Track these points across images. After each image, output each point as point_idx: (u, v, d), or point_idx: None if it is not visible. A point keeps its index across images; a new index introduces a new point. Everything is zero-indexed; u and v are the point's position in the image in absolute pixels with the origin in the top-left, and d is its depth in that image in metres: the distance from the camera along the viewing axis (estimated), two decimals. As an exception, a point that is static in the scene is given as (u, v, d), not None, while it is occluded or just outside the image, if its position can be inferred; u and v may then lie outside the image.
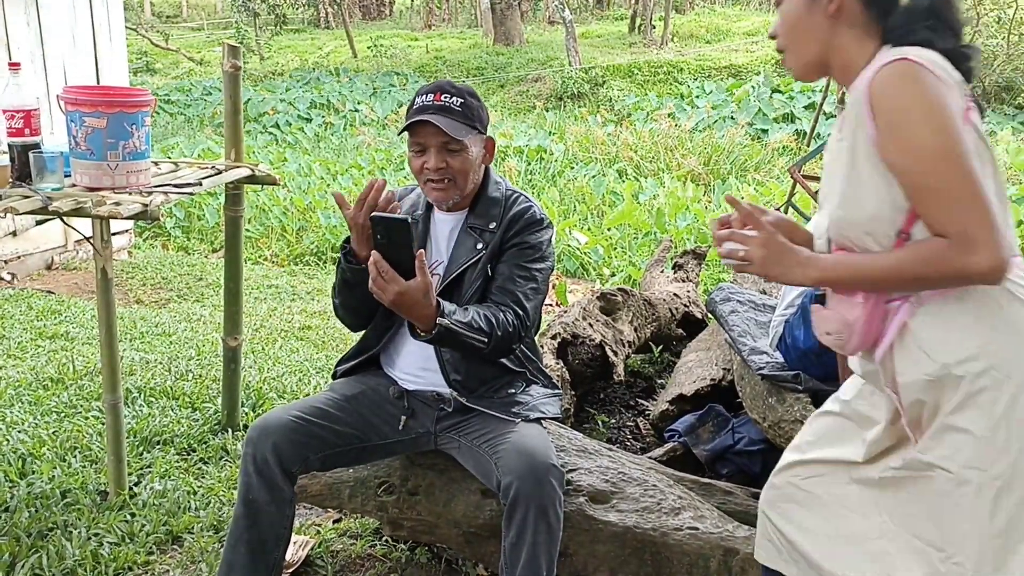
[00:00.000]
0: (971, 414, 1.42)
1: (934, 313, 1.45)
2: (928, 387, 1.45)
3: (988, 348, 1.41)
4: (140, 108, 2.64)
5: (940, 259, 1.37)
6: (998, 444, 1.41)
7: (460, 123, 2.10)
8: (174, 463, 3.02)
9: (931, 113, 1.35)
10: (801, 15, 1.54)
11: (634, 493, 2.29)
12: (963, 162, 1.35)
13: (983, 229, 1.34)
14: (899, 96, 1.38)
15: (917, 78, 1.37)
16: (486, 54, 21.61)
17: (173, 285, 6.40)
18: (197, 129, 15.23)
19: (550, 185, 9.78)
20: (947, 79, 1.39)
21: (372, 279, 1.90)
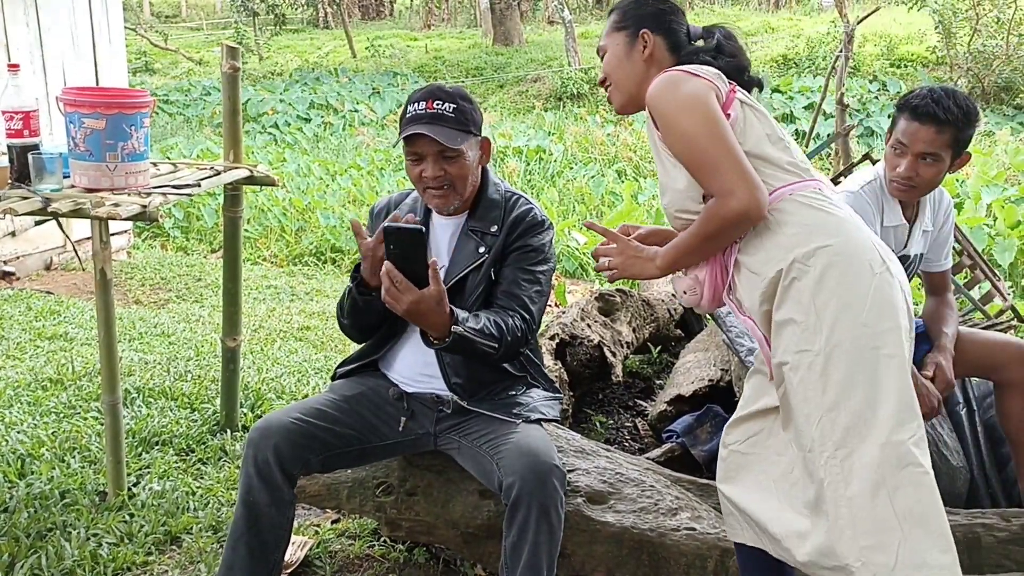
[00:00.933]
0: (788, 305, 1.68)
1: (751, 241, 1.75)
2: (764, 299, 1.72)
3: (791, 248, 1.68)
4: (139, 109, 2.65)
5: (713, 214, 1.69)
6: (811, 324, 1.65)
7: (455, 130, 2.10)
8: (173, 464, 3.03)
9: (684, 102, 1.71)
10: (622, 61, 1.92)
11: (631, 494, 2.30)
12: (715, 133, 1.68)
13: (734, 179, 1.65)
14: (662, 97, 1.75)
15: (672, 79, 1.76)
16: (485, 54, 21.60)
17: (172, 286, 6.40)
18: (196, 129, 15.22)
19: (549, 185, 9.78)
20: (704, 74, 1.76)
21: (385, 289, 1.90)
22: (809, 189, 1.75)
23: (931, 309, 2.58)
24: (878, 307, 1.64)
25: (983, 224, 6.31)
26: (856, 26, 5.65)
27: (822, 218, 1.71)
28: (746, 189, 1.65)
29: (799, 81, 15.32)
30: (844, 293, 1.64)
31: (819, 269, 1.66)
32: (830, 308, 1.64)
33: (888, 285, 1.67)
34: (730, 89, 1.79)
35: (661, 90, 1.75)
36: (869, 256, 1.68)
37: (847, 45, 5.54)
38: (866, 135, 12.66)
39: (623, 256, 1.87)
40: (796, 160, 1.79)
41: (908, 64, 16.63)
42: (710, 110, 1.70)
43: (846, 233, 1.70)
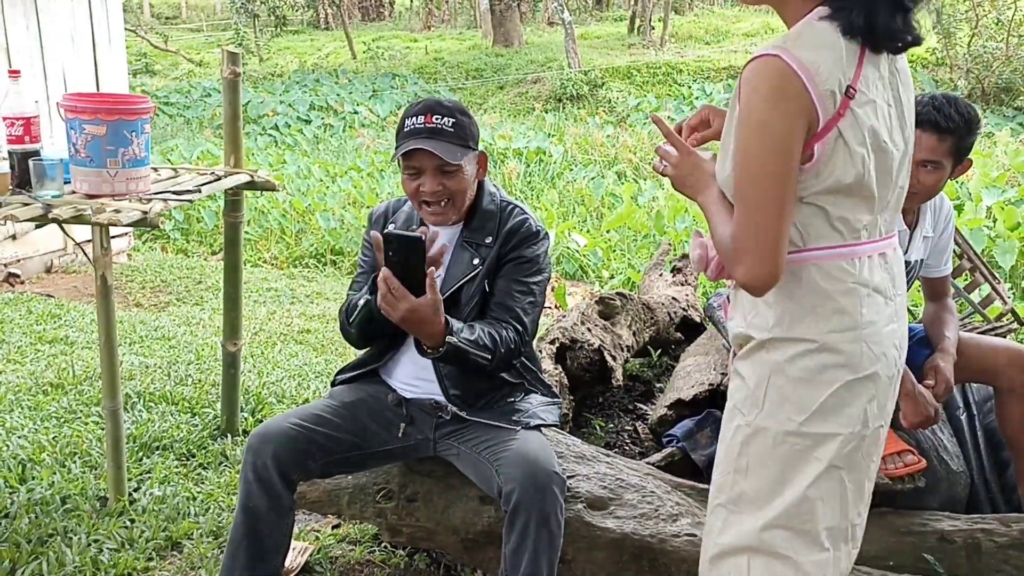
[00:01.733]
0: (747, 364, 1.60)
1: None
2: (742, 327, 1.62)
3: (777, 318, 1.55)
4: (140, 115, 2.65)
5: (725, 253, 1.52)
6: (755, 394, 1.57)
7: (454, 145, 2.10)
8: (173, 469, 3.03)
9: (764, 125, 1.43)
10: None
11: (632, 499, 2.30)
12: (770, 186, 1.43)
13: (751, 245, 1.45)
14: (753, 96, 1.44)
15: (776, 85, 1.42)
16: (485, 55, 21.61)
17: (172, 288, 6.40)
18: (196, 131, 15.23)
19: (549, 187, 9.78)
20: (815, 88, 1.41)
21: (381, 295, 1.91)
22: (838, 260, 1.52)
23: (931, 314, 2.58)
24: (829, 416, 1.53)
25: (983, 226, 6.31)
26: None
27: (823, 306, 1.52)
28: (755, 266, 1.45)
29: (799, 82, 15.32)
30: (797, 397, 1.54)
31: (786, 358, 1.54)
32: (777, 394, 1.55)
33: (858, 396, 1.54)
34: (838, 112, 1.45)
35: (757, 81, 1.43)
36: (852, 363, 1.53)
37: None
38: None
39: (678, 170, 1.64)
40: (853, 217, 1.52)
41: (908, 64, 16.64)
42: (786, 156, 1.43)
43: (838, 335, 1.52)
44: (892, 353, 1.59)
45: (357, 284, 2.37)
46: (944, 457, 2.50)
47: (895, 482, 2.31)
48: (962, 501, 2.52)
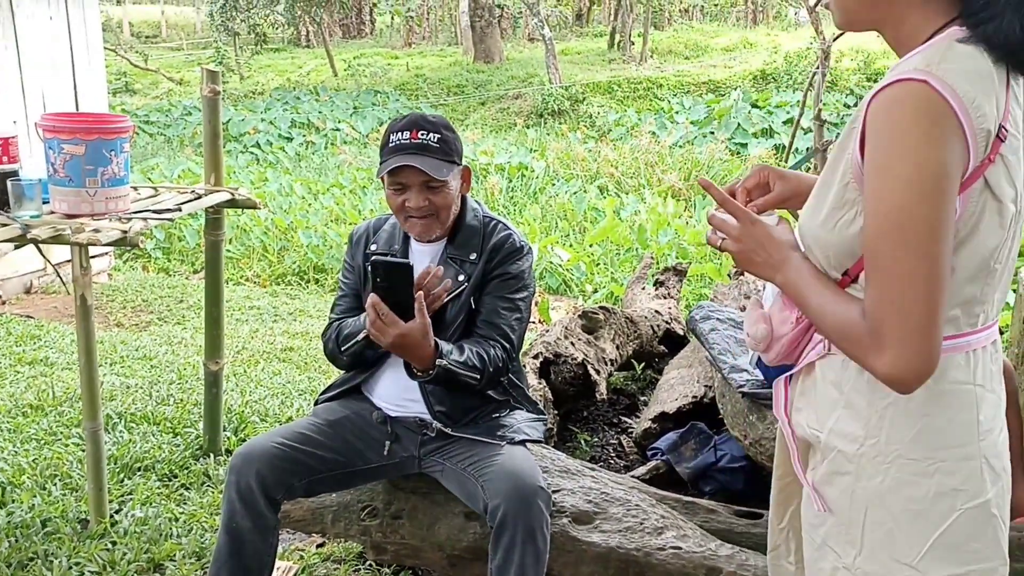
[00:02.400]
0: (832, 492, 1.30)
1: (837, 368, 1.30)
2: (808, 438, 1.35)
3: (872, 436, 1.25)
4: (119, 134, 2.64)
5: (850, 339, 1.20)
6: (854, 536, 1.28)
7: (440, 160, 2.11)
8: (155, 490, 3.01)
9: (911, 178, 1.11)
10: None
11: (617, 513, 2.30)
12: (922, 247, 1.12)
13: (900, 331, 1.13)
14: (892, 133, 1.13)
15: (924, 118, 1.11)
16: (466, 71, 21.67)
17: (154, 307, 6.36)
18: (177, 149, 15.16)
19: (532, 202, 9.80)
20: (970, 123, 1.12)
21: (370, 322, 1.92)
22: (954, 354, 1.22)
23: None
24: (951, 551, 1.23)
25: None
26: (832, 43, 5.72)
27: (932, 411, 1.22)
28: (907, 358, 1.13)
29: (778, 96, 15.47)
30: (906, 528, 1.24)
31: (886, 478, 1.23)
32: (876, 532, 1.26)
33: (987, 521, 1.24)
34: (987, 157, 1.14)
35: (898, 114, 1.12)
36: (960, 485, 1.22)
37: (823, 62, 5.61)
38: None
39: (742, 243, 1.33)
40: (977, 297, 1.23)
41: (885, 78, 16.84)
42: (941, 210, 1.11)
43: (949, 447, 1.22)
44: (1007, 457, 1.29)
45: (339, 307, 2.37)
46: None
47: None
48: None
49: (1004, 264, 1.24)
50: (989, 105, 1.14)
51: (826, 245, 1.26)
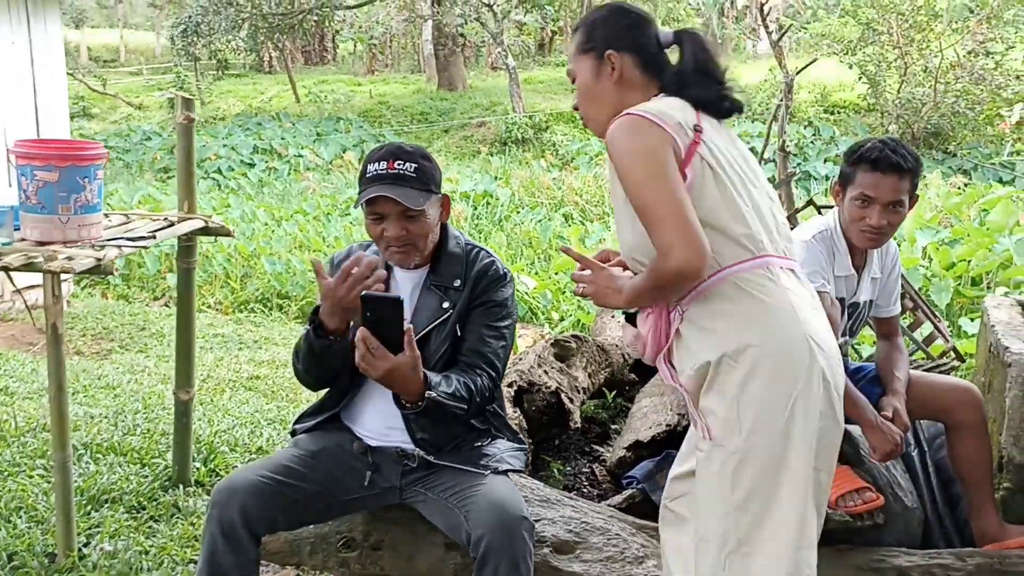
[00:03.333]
0: (712, 396, 1.72)
1: (692, 318, 1.76)
2: (696, 376, 1.74)
3: (721, 339, 1.70)
4: (92, 161, 2.63)
5: (655, 267, 1.67)
6: (731, 421, 1.68)
7: (416, 190, 2.11)
8: (124, 522, 2.94)
9: (637, 153, 1.68)
10: (591, 85, 1.87)
11: (597, 543, 2.30)
12: (663, 188, 1.64)
13: (674, 237, 1.62)
14: (620, 143, 1.71)
15: (632, 126, 1.70)
16: (430, 99, 21.75)
17: (115, 335, 6.25)
18: (137, 175, 15.01)
19: (497, 229, 9.83)
20: (667, 121, 1.71)
21: (360, 356, 1.91)
22: (757, 270, 1.73)
23: (883, 354, 2.65)
24: (796, 418, 1.67)
25: (919, 265, 6.51)
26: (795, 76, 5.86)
27: (758, 309, 1.70)
28: (684, 248, 1.61)
29: (739, 127, 15.72)
30: (767, 399, 1.67)
31: (745, 368, 1.68)
32: (750, 411, 1.67)
33: (811, 390, 1.68)
34: (693, 140, 1.73)
35: (619, 135, 1.71)
36: (796, 358, 1.68)
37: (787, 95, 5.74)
38: (805, 179, 13.03)
39: (595, 285, 1.84)
40: (752, 231, 1.75)
41: (841, 111, 17.22)
42: (662, 165, 1.66)
43: (778, 331, 1.69)
44: (831, 341, 1.77)
45: None
46: (899, 494, 2.55)
47: (855, 519, 2.35)
48: (917, 537, 2.57)
49: (754, 210, 1.77)
50: (680, 114, 1.75)
51: (640, 248, 1.75)
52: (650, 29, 1.87)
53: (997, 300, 3.08)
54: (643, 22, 1.88)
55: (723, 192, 1.73)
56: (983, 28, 14.01)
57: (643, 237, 1.71)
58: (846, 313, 2.57)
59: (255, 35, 23.80)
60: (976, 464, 2.50)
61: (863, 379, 2.67)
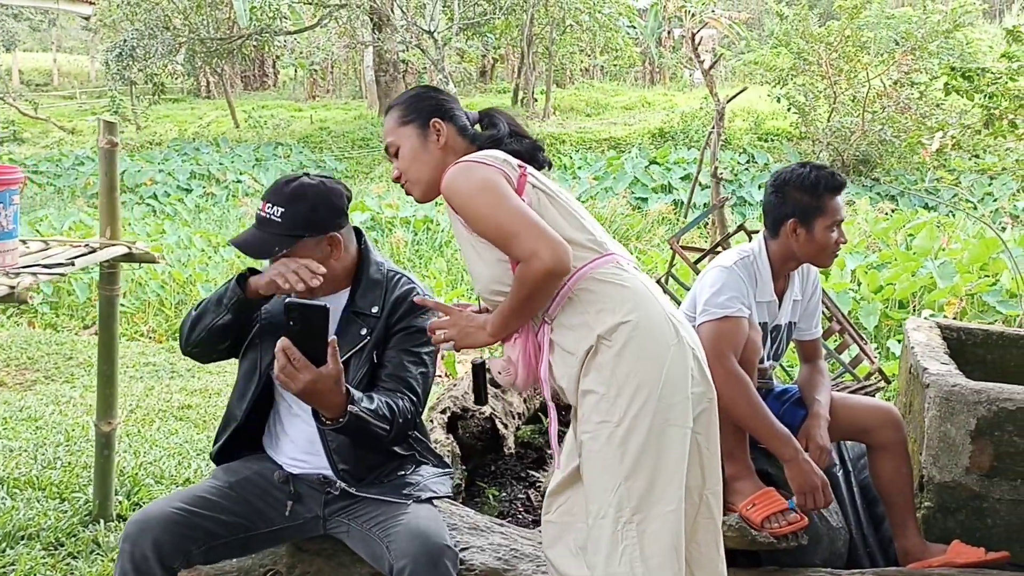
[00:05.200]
0: (591, 377, 1.81)
1: (563, 322, 1.86)
2: (575, 376, 1.84)
3: (593, 326, 1.81)
4: (8, 186, 2.55)
5: (523, 277, 1.78)
6: (611, 395, 1.78)
7: (280, 235, 2.07)
8: (40, 560, 2.83)
9: (477, 185, 1.82)
10: (418, 151, 1.99)
11: (527, 570, 2.28)
12: (509, 206, 1.79)
13: (534, 241, 1.75)
14: (456, 184, 1.85)
15: (464, 168, 1.86)
16: (371, 124, 21.69)
17: (40, 365, 6.06)
18: (68, 200, 14.64)
19: (438, 255, 9.81)
20: (493, 161, 1.87)
21: (280, 368, 1.83)
22: (609, 264, 1.88)
23: (805, 377, 2.70)
24: (672, 382, 1.79)
25: (848, 289, 6.66)
26: (726, 104, 5.98)
27: (621, 294, 1.84)
28: (547, 247, 1.75)
29: (675, 153, 15.98)
30: (642, 368, 1.78)
31: (619, 344, 1.79)
32: (630, 382, 1.77)
33: (681, 357, 1.82)
34: (520, 174, 1.90)
35: (455, 179, 1.85)
36: (663, 329, 1.82)
37: (719, 122, 5.85)
38: (739, 205, 13.28)
39: (456, 328, 1.93)
40: (595, 236, 1.92)
41: (774, 138, 17.63)
42: (501, 188, 1.81)
43: (644, 308, 1.83)
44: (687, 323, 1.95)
45: None
46: (824, 514, 2.59)
47: (779, 540, 2.37)
48: (842, 556, 2.61)
49: (590, 223, 1.94)
50: (503, 157, 1.91)
51: (499, 279, 1.88)
52: (459, 107, 2.08)
53: (917, 322, 3.16)
54: (454, 100, 2.10)
55: (560, 209, 1.90)
56: (908, 59, 14.49)
57: (498, 266, 1.86)
58: (768, 337, 2.61)
59: (193, 59, 23.53)
60: (897, 484, 2.55)
61: (788, 401, 2.71)
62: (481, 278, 1.91)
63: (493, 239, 1.82)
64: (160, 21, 21.00)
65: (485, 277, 1.90)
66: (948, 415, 2.50)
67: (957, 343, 3.08)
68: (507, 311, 1.86)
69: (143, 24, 20.87)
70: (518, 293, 1.81)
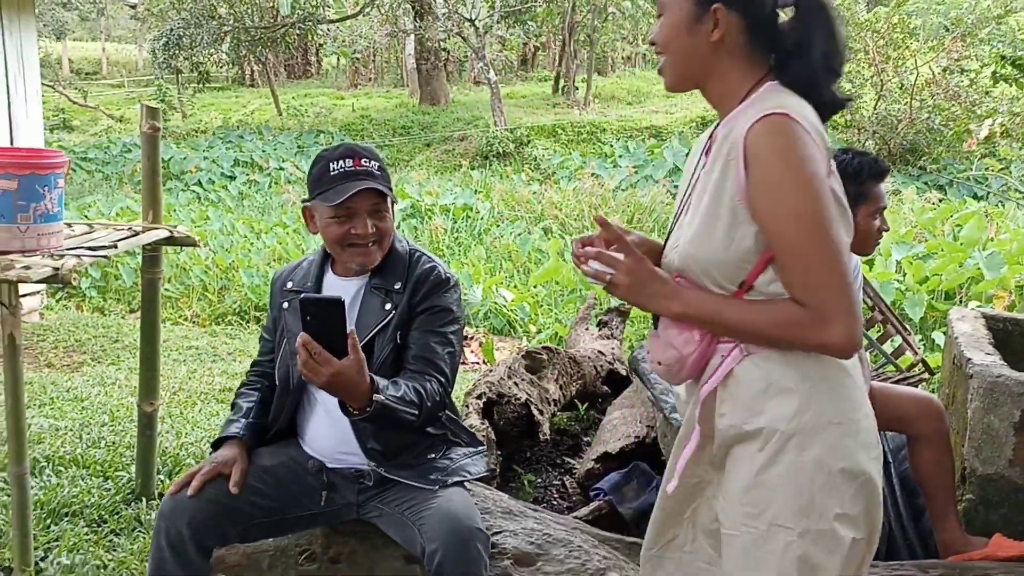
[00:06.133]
0: (778, 470, 1.43)
1: (759, 365, 1.46)
2: (743, 436, 1.47)
3: (804, 411, 1.42)
4: (53, 170, 2.59)
5: (795, 327, 1.40)
6: (801, 504, 1.42)
7: (385, 186, 2.11)
8: (83, 536, 2.90)
9: (804, 179, 1.36)
10: (682, 35, 1.50)
11: (559, 555, 2.28)
12: (829, 234, 1.37)
13: (840, 304, 1.37)
14: (775, 155, 1.37)
15: (795, 138, 1.37)
16: (412, 113, 21.78)
17: (87, 348, 6.19)
18: (116, 187, 14.91)
19: (476, 243, 9.83)
20: (818, 140, 1.40)
21: (302, 362, 1.82)
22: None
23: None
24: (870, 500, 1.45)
25: (893, 279, 6.55)
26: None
27: (843, 382, 1.46)
28: (850, 323, 1.36)
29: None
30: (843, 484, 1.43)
31: (824, 451, 1.42)
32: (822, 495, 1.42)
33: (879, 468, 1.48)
34: (829, 171, 1.43)
35: (776, 140, 1.38)
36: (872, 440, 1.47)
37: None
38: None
39: (633, 276, 1.47)
40: None
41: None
42: (830, 204, 1.38)
43: (861, 412, 1.47)
44: None
45: (260, 347, 2.41)
46: (862, 504, 2.54)
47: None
48: (881, 549, 2.56)
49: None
50: (823, 131, 1.44)
51: (723, 264, 1.45)
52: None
53: (961, 312, 3.09)
54: None
55: (844, 234, 1.44)
56: (958, 46, 14.16)
57: (737, 256, 1.44)
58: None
59: (237, 48, 23.79)
60: (937, 475, 2.50)
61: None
62: (700, 251, 1.47)
63: (779, 246, 1.40)
64: (206, 10, 21.26)
65: (706, 253, 1.46)
66: (992, 406, 2.44)
67: (1003, 334, 3.01)
68: (725, 320, 1.46)
69: (189, 13, 21.15)
70: (765, 328, 1.42)
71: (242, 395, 2.29)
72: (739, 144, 1.41)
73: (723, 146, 1.45)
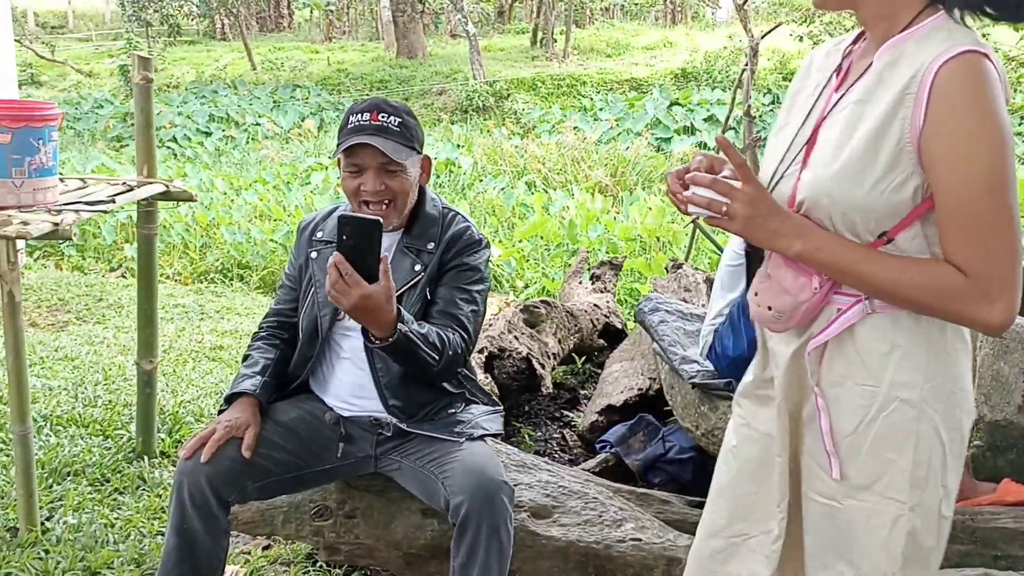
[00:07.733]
0: (895, 439, 1.33)
1: (885, 325, 1.32)
2: (859, 397, 1.34)
3: (929, 380, 1.31)
4: (47, 122, 2.52)
5: (951, 296, 1.25)
6: (919, 476, 1.32)
7: (400, 144, 2.06)
8: (87, 495, 2.87)
9: (1000, 138, 1.20)
10: None
11: (575, 507, 2.29)
12: (1011, 203, 1.22)
13: (1007, 282, 1.22)
14: (974, 102, 1.20)
15: (992, 85, 1.21)
16: (389, 67, 21.46)
17: (71, 307, 6.09)
18: (89, 144, 14.63)
19: (460, 198, 9.75)
20: (1008, 96, 1.25)
21: (332, 282, 1.79)
22: None
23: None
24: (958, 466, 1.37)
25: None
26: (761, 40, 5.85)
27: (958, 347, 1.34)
28: (1013, 303, 1.23)
29: (698, 94, 15.74)
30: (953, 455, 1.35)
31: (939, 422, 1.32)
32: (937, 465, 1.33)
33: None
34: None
35: (970, 85, 1.20)
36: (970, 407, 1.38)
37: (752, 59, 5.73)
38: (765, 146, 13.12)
39: (752, 207, 1.29)
40: None
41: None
42: (1014, 170, 1.23)
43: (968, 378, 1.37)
44: None
45: (278, 295, 2.36)
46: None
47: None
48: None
49: None
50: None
51: (869, 209, 1.28)
52: None
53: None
54: None
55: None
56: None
57: (890, 204, 1.27)
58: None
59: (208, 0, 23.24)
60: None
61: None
62: (843, 192, 1.29)
63: (951, 205, 1.23)
64: (175, -39, 20.72)
65: (850, 196, 1.28)
66: (1001, 353, 2.46)
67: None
68: (861, 273, 1.29)
69: (158, -36, 20.60)
70: (912, 292, 1.26)
71: (257, 348, 2.24)
72: (925, 80, 1.22)
73: (891, 76, 1.27)
